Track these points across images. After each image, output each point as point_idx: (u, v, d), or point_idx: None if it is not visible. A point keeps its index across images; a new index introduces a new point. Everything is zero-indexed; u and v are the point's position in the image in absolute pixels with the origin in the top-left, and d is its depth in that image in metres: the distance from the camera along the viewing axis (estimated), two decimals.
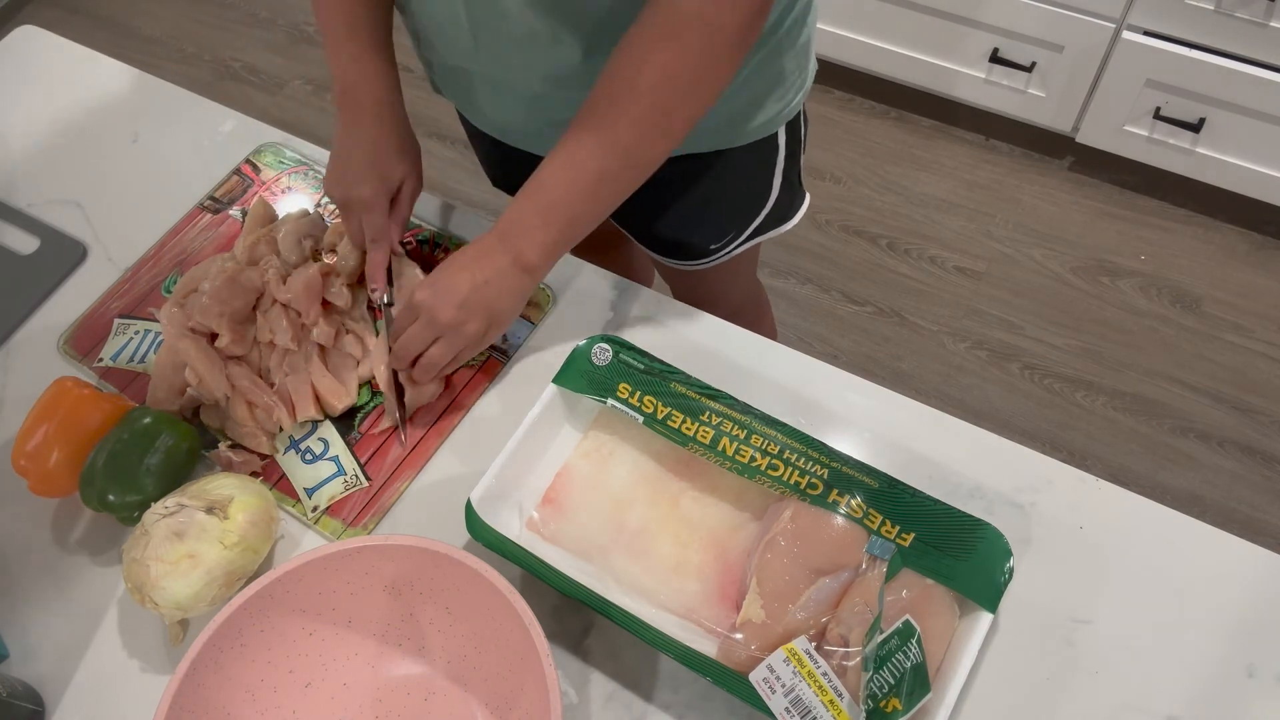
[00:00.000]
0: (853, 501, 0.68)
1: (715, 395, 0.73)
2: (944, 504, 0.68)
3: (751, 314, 1.24)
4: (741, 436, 0.71)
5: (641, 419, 0.72)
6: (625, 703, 0.68)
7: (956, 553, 0.66)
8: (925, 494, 0.68)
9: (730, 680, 0.63)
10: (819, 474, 0.69)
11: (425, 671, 0.69)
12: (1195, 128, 1.68)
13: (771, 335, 1.24)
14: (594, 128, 0.71)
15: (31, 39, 1.12)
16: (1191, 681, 0.66)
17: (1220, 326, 1.75)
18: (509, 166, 1.02)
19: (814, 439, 0.71)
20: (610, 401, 0.73)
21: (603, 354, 0.75)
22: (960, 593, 0.66)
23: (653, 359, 0.75)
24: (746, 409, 0.72)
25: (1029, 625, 0.68)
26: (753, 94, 0.85)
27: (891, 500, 0.68)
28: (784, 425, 0.71)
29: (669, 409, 0.72)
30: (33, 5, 2.48)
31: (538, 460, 0.75)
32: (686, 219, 0.98)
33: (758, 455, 0.70)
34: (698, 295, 1.08)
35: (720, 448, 0.71)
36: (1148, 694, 0.66)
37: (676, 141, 0.73)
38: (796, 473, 0.69)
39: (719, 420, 0.72)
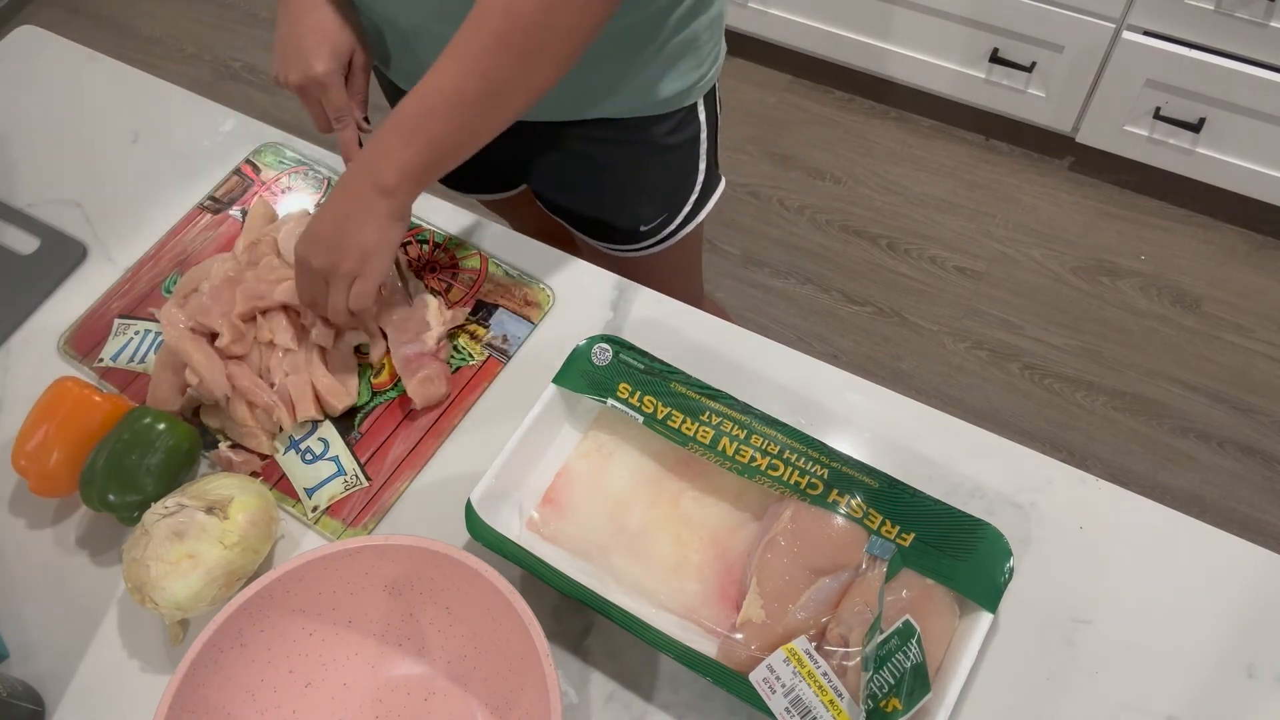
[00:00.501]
0: (853, 501, 0.68)
1: (715, 395, 0.73)
2: (944, 504, 0.68)
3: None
4: (741, 436, 0.71)
5: (641, 419, 0.72)
6: (625, 703, 0.68)
7: (956, 553, 0.66)
8: (925, 494, 0.68)
9: (730, 680, 0.63)
10: (819, 474, 0.69)
11: (425, 671, 0.69)
12: (1195, 128, 1.68)
13: None
14: (455, 49, 0.70)
15: (31, 39, 1.12)
16: (1191, 681, 0.66)
17: (1220, 326, 1.75)
18: None
19: (814, 439, 0.71)
20: (610, 401, 0.73)
21: (603, 354, 0.75)
22: (960, 593, 0.66)
23: (653, 359, 0.75)
24: (746, 409, 0.72)
25: (1029, 625, 0.68)
26: (667, 57, 0.85)
27: (891, 500, 0.68)
28: (784, 425, 0.71)
29: (669, 409, 0.72)
30: (33, 5, 2.48)
31: (538, 460, 0.75)
32: (610, 195, 0.97)
33: (758, 455, 0.70)
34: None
35: (720, 448, 0.71)
36: (1148, 694, 0.66)
37: (544, 69, 0.71)
38: (796, 473, 0.69)
39: (719, 420, 0.72)
